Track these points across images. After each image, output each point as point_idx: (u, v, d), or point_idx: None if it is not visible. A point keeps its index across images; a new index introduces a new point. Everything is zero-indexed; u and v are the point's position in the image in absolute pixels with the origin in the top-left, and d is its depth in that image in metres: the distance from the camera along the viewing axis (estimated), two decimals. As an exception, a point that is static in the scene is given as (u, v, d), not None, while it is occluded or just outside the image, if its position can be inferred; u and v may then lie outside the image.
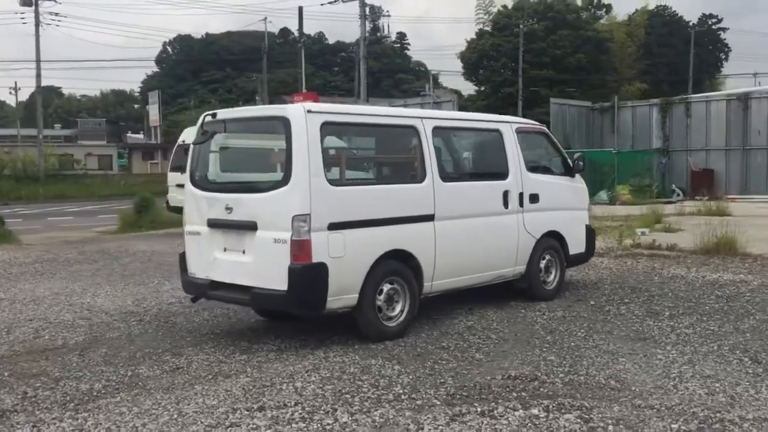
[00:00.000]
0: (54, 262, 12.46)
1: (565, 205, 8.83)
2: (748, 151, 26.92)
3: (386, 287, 6.79)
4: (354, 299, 6.52)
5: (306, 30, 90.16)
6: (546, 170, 8.80)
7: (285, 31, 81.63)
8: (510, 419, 4.75)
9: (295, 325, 7.46)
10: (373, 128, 7.08)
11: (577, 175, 9.04)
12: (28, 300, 9.20)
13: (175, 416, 4.95)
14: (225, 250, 6.77)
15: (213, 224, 6.83)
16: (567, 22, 50.41)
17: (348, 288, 6.45)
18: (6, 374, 6.05)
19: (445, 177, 7.32)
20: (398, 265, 6.89)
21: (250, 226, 6.45)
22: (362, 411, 4.97)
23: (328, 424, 4.75)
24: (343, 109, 6.90)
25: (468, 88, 58.54)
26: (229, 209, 6.63)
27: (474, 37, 53.10)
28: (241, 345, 6.79)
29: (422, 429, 4.63)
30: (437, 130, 7.35)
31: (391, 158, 7.67)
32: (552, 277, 8.65)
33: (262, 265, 6.39)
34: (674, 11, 66.95)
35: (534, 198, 8.26)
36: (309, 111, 6.29)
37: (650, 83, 54.37)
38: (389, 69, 79.57)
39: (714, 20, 69.86)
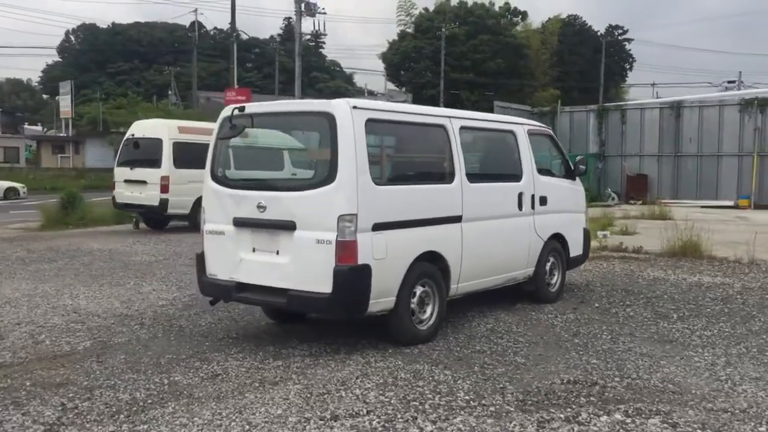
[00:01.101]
0: (6, 261, 11.63)
1: (568, 207, 8.89)
2: (679, 158, 28.05)
3: (419, 290, 6.63)
4: (392, 302, 6.32)
5: (220, 24, 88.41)
6: (550, 172, 8.81)
7: (198, 25, 79.54)
8: (598, 425, 4.69)
9: (315, 329, 7.21)
10: (410, 126, 6.87)
11: (577, 178, 9.11)
12: (1, 302, 8.52)
13: (247, 428, 4.65)
14: (254, 250, 6.44)
15: (241, 223, 6.48)
16: (487, 27, 51.42)
17: (387, 290, 6.25)
18: (28, 384, 5.55)
19: (470, 178, 7.22)
20: (430, 267, 6.74)
21: (288, 226, 6.15)
22: (441, 419, 4.80)
23: (415, 433, 4.57)
24: (383, 106, 6.67)
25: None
26: (261, 208, 6.30)
27: (396, 38, 53.39)
28: (268, 350, 6.47)
29: (515, 437, 4.52)
30: (463, 130, 7.24)
31: (426, 157, 7.49)
32: (555, 279, 8.68)
33: (300, 267, 6.10)
34: (584, 21, 69.44)
35: (543, 200, 8.26)
36: (354, 107, 6.06)
37: (562, 90, 56.13)
38: (303, 67, 78.71)
39: (620, 31, 72.74)
